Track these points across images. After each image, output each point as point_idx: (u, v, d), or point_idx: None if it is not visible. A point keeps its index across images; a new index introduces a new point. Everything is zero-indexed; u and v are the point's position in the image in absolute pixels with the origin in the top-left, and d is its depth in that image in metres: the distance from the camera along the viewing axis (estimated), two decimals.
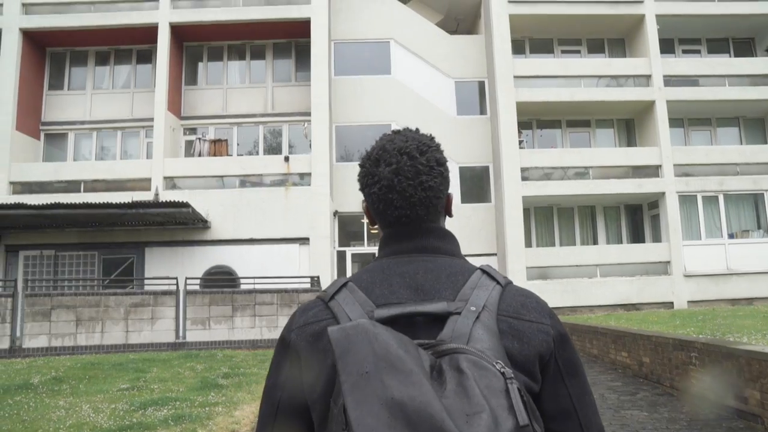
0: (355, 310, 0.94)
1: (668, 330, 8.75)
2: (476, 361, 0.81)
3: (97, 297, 11.80)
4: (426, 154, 1.08)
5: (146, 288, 13.55)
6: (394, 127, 12.98)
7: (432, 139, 1.13)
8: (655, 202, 16.74)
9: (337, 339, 0.79)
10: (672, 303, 15.54)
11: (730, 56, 18.25)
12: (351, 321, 0.87)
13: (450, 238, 1.09)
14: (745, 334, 7.48)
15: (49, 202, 12.87)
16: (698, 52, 18.47)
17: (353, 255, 16.73)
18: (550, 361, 0.95)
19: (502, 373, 0.80)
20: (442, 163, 1.10)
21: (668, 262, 15.86)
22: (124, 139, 17.14)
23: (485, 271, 0.99)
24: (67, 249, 14.94)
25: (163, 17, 16.15)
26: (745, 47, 18.56)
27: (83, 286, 14.23)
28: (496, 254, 16.59)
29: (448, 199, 1.14)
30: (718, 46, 18.54)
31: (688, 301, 15.54)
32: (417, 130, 1.15)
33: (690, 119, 17.91)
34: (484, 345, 0.86)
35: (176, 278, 12.47)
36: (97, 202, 13.13)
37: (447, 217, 1.15)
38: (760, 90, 16.73)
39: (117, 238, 14.95)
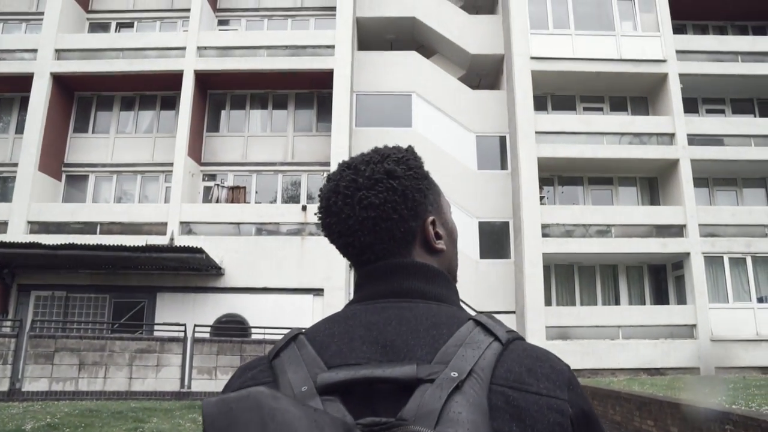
0: (299, 373, 0.71)
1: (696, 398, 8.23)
2: None
3: (102, 341, 11.57)
4: (377, 164, 0.86)
5: (154, 334, 13.30)
6: None
7: (403, 149, 0.91)
8: (679, 262, 16.25)
9: (213, 416, 0.57)
10: (698, 369, 14.85)
11: (755, 116, 18.01)
12: (254, 389, 0.60)
13: (440, 278, 0.86)
14: None
15: (63, 243, 12.81)
16: (722, 111, 18.27)
17: None
18: None
19: None
20: (395, 174, 0.86)
21: (694, 325, 15.26)
22: (143, 183, 17.23)
23: (479, 323, 0.75)
24: (78, 291, 14.82)
25: (189, 65, 16.43)
26: None
27: (91, 329, 14.03)
28: (514, 312, 16.11)
29: (424, 226, 0.89)
30: (742, 106, 18.34)
31: (716, 368, 14.85)
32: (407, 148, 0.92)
33: (715, 179, 17.56)
34: (461, 429, 0.60)
35: (185, 325, 12.22)
36: (112, 244, 13.06)
37: (435, 252, 0.90)
38: None
39: (129, 282, 14.81)
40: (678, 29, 17.83)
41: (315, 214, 0.94)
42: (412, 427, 0.61)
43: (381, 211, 0.85)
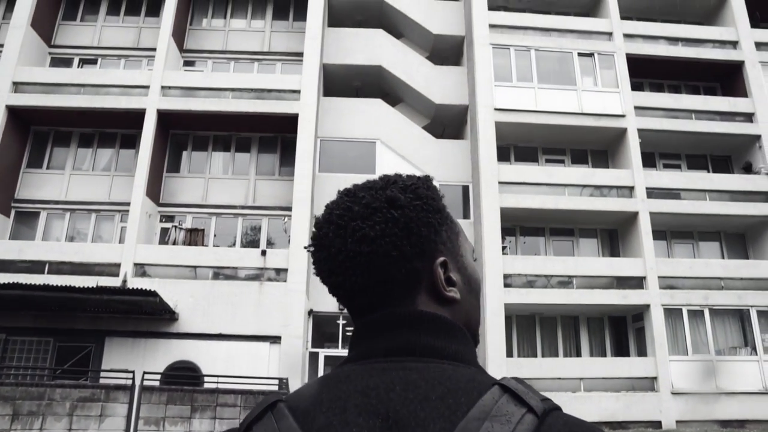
0: None
1: None
2: None
3: (41, 388, 10.84)
4: (378, 190, 0.72)
5: (99, 381, 12.59)
6: None
7: (415, 176, 0.78)
8: (639, 314, 16.34)
9: None
10: (660, 422, 14.76)
11: (708, 172, 18.58)
12: None
13: (455, 332, 0.69)
14: None
15: (6, 282, 12.15)
16: (678, 166, 18.82)
17: (326, 357, 15.90)
18: None
19: None
20: (398, 203, 0.70)
21: (655, 377, 15.24)
22: (98, 223, 16.66)
23: (507, 389, 0.59)
24: (20, 333, 14.00)
25: (152, 104, 16.17)
26: (722, 164, 18.94)
27: (30, 375, 13.21)
28: None
29: (433, 269, 0.71)
30: (697, 162, 18.92)
31: (677, 421, 14.78)
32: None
33: (672, 232, 17.91)
34: None
35: (133, 372, 11.59)
36: (60, 284, 12.44)
37: (446, 301, 0.72)
38: (740, 206, 16.90)
39: (76, 325, 14.08)
40: (636, 86, 18.44)
41: (305, 247, 0.79)
42: None
43: (377, 246, 0.69)
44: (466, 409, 0.58)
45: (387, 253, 0.69)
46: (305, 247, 0.78)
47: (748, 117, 18.02)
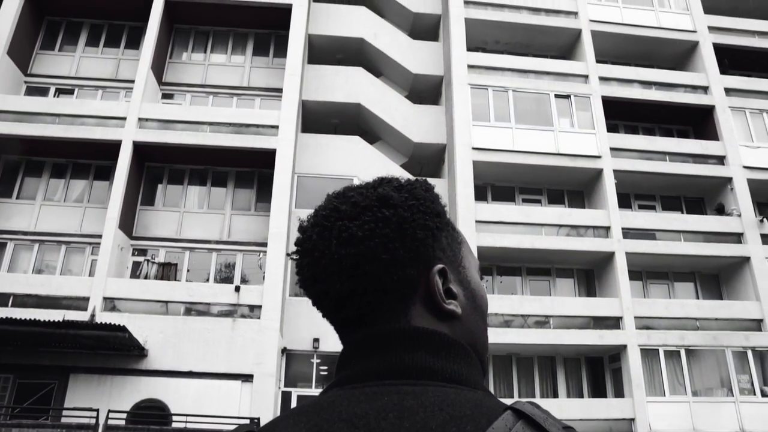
0: None
1: None
2: None
3: None
4: (370, 189, 0.64)
5: (61, 420, 12.07)
6: None
7: (412, 178, 0.69)
8: (616, 354, 16.28)
9: None
10: None
11: (683, 213, 18.84)
12: None
13: (457, 351, 0.60)
14: None
15: None
16: (653, 207, 19.09)
17: (299, 397, 15.48)
18: None
19: None
20: (390, 202, 0.62)
21: (632, 419, 15.11)
22: (67, 255, 16.24)
23: (523, 414, 0.51)
24: None
25: (128, 135, 15.99)
26: (695, 206, 19.25)
27: None
28: None
29: (429, 277, 0.62)
30: (671, 203, 19.21)
31: None
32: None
33: (648, 272, 18.03)
34: None
35: (97, 410, 11.14)
36: (24, 318, 11.99)
37: (444, 315, 0.63)
38: (714, 247, 17.12)
39: (39, 361, 13.56)
40: (611, 128, 18.78)
41: (288, 254, 0.66)
42: None
43: (364, 248, 0.60)
44: None
45: (376, 256, 0.60)
46: (288, 255, 0.68)
47: (720, 159, 18.41)
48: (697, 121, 19.76)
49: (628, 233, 17.08)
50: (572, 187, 18.82)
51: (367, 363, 0.60)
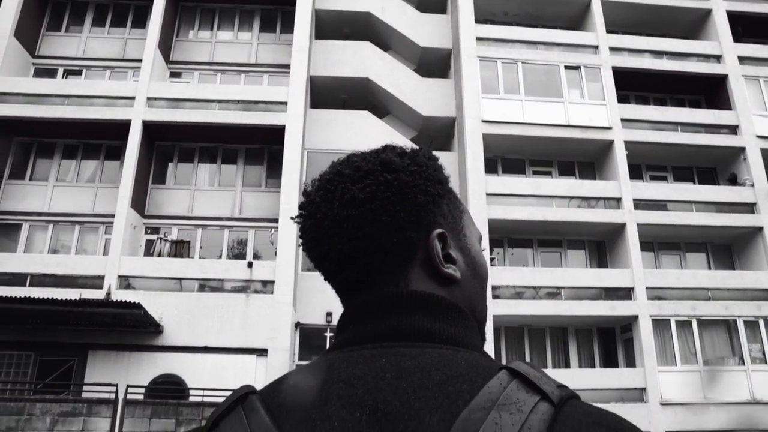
0: None
1: None
2: None
3: (20, 403, 10.58)
4: (373, 154, 0.64)
5: (82, 395, 12.32)
6: None
7: (417, 147, 0.69)
8: (628, 325, 16.33)
9: None
10: None
11: (695, 183, 18.71)
12: None
13: (455, 313, 0.60)
14: None
15: None
16: (665, 178, 18.95)
17: None
18: None
19: None
20: (393, 166, 0.63)
21: (644, 388, 15.20)
22: (81, 235, 16.41)
23: (518, 373, 0.51)
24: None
25: (137, 115, 16.03)
26: (708, 176, 19.10)
27: (9, 389, 12.90)
28: None
29: (428, 241, 0.63)
30: (683, 173, 19.07)
31: None
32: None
33: (660, 243, 17.98)
34: None
35: (116, 385, 11.36)
36: (42, 297, 12.18)
37: (443, 279, 0.63)
38: (726, 217, 17.01)
39: (58, 339, 13.80)
40: (622, 99, 18.57)
41: (292, 218, 0.72)
42: None
43: (365, 210, 0.61)
44: (468, 398, 0.50)
45: (377, 218, 0.62)
46: (292, 218, 0.72)
47: (733, 129, 18.22)
48: (710, 91, 19.51)
49: (640, 204, 17.01)
50: (583, 158, 18.72)
51: (366, 326, 0.61)
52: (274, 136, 16.54)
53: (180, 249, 15.99)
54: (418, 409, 0.50)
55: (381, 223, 0.62)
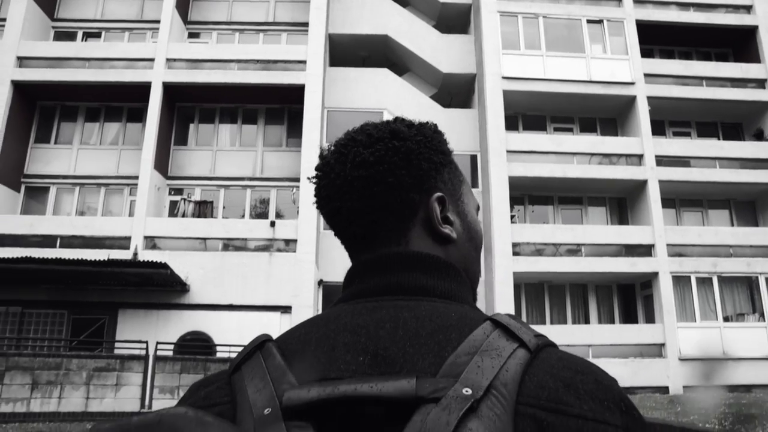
0: (263, 390, 0.54)
1: (670, 417, 8.16)
2: None
3: (58, 359, 11.03)
4: (384, 124, 0.73)
5: (114, 352, 12.79)
6: None
7: (425, 121, 0.78)
8: (648, 281, 16.37)
9: None
10: (667, 387, 14.91)
11: (719, 139, 18.41)
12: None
13: (449, 271, 0.68)
14: (758, 425, 6.93)
15: (20, 256, 12.26)
16: (688, 134, 18.65)
17: None
18: None
19: None
20: (401, 135, 0.71)
21: (663, 344, 15.34)
22: (107, 197, 16.72)
23: (499, 324, 0.57)
24: (35, 306, 14.19)
25: (157, 77, 16.09)
26: (733, 132, 18.76)
27: (47, 346, 13.42)
28: None
29: (429, 203, 0.72)
30: (707, 129, 18.74)
31: (684, 386, 14.92)
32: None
33: (681, 200, 17.83)
34: None
35: (146, 342, 11.76)
36: (72, 258, 12.54)
37: (441, 239, 0.72)
38: (750, 173, 16.76)
39: (89, 298, 14.25)
40: (645, 53, 18.18)
41: (308, 178, 0.78)
42: None
43: (375, 171, 0.69)
44: (456, 345, 0.57)
45: (384, 180, 0.70)
46: (309, 178, 0.79)
47: (761, 83, 17.79)
48: (738, 44, 18.99)
49: (662, 161, 16.82)
50: (605, 114, 18.47)
51: (369, 281, 0.68)
52: (294, 95, 16.54)
53: (203, 209, 16.24)
54: (413, 354, 0.57)
55: (387, 184, 0.70)
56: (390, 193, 0.70)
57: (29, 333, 14.00)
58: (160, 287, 14.17)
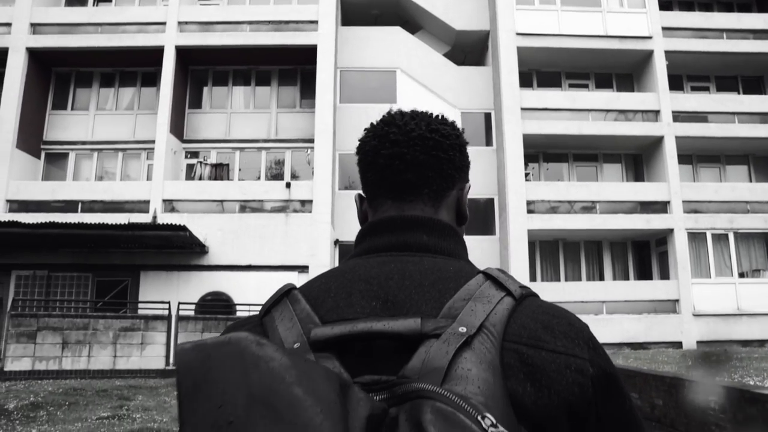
0: (292, 329, 0.65)
1: (680, 371, 8.33)
2: (447, 413, 0.52)
3: (85, 320, 11.44)
4: (434, 121, 0.84)
5: (138, 312, 13.18)
6: None
7: (448, 120, 0.90)
8: (663, 238, 16.38)
9: (188, 366, 0.52)
10: (680, 343, 15.07)
11: (739, 93, 18.08)
12: (230, 335, 0.54)
13: (450, 233, 0.80)
14: (767, 377, 7.07)
15: (44, 221, 12.57)
16: (707, 89, 18.32)
17: None
18: (589, 418, 0.65)
19: None
20: (460, 132, 0.85)
21: (677, 300, 15.44)
22: (125, 161, 16.94)
23: (490, 276, 0.69)
24: (60, 270, 14.60)
25: (170, 40, 16.09)
26: (754, 85, 18.40)
27: (74, 307, 13.86)
28: None
29: (464, 187, 0.86)
30: (726, 83, 18.39)
31: (698, 341, 15.07)
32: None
33: (699, 156, 17.65)
34: (472, 387, 0.55)
35: (169, 303, 12.11)
36: (94, 222, 12.83)
37: (462, 218, 0.86)
38: None
39: (112, 261, 14.62)
40: (664, 5, 17.78)
41: (372, 123, 0.87)
42: (415, 384, 0.55)
43: (444, 141, 0.82)
44: (453, 293, 0.68)
45: (447, 151, 0.82)
46: (372, 123, 0.88)
47: None
48: None
49: (679, 116, 16.61)
50: (621, 70, 18.19)
51: (379, 240, 0.78)
52: (307, 56, 16.48)
53: (220, 172, 16.43)
54: (417, 300, 0.68)
55: (448, 156, 0.83)
56: (447, 163, 0.82)
57: (56, 295, 14.45)
58: (179, 249, 14.48)
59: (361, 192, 0.89)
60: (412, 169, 0.81)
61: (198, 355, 0.51)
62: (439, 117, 0.86)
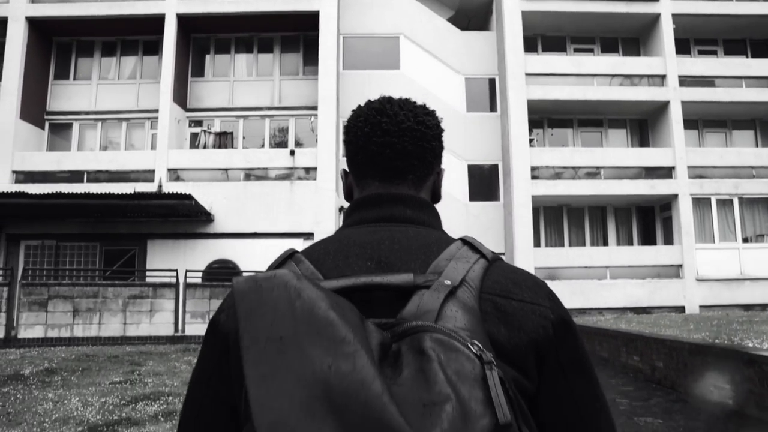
0: None
1: (682, 334, 8.44)
2: (444, 341, 0.62)
3: (95, 288, 11.61)
4: (420, 112, 0.94)
5: (146, 280, 13.35)
6: None
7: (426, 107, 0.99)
8: (667, 204, 16.39)
9: (243, 292, 0.61)
10: (683, 307, 15.20)
11: (747, 57, 17.86)
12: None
13: (429, 208, 0.91)
14: (766, 340, 7.17)
15: (50, 192, 12.67)
16: (714, 52, 18.09)
17: None
18: (550, 354, 0.76)
19: (479, 357, 0.62)
20: (439, 122, 0.95)
21: (680, 265, 15.52)
22: (129, 130, 16.95)
23: (467, 242, 0.80)
24: (68, 239, 14.76)
25: (170, 8, 15.94)
26: (763, 48, 18.16)
27: (83, 276, 14.04)
28: (504, 254, 16.29)
29: (440, 171, 0.97)
30: (735, 47, 18.15)
31: (700, 306, 15.20)
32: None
33: (705, 121, 17.54)
34: (459, 324, 0.67)
35: (176, 270, 12.25)
36: (100, 192, 12.92)
37: (436, 198, 0.97)
38: None
39: (119, 230, 14.76)
40: None
41: (359, 107, 0.95)
42: (413, 322, 0.65)
43: (429, 132, 0.92)
44: (437, 255, 0.79)
45: (430, 141, 0.92)
46: (359, 108, 0.97)
47: None
48: None
49: (685, 81, 16.46)
50: (627, 34, 17.96)
51: (369, 213, 0.88)
52: (309, 22, 16.33)
53: (224, 140, 16.43)
54: (406, 260, 0.78)
55: (431, 146, 0.93)
56: (430, 152, 0.93)
57: (65, 265, 14.63)
58: (185, 218, 14.58)
59: (345, 168, 0.98)
60: (400, 158, 0.90)
61: (251, 285, 0.61)
62: (424, 107, 0.95)
